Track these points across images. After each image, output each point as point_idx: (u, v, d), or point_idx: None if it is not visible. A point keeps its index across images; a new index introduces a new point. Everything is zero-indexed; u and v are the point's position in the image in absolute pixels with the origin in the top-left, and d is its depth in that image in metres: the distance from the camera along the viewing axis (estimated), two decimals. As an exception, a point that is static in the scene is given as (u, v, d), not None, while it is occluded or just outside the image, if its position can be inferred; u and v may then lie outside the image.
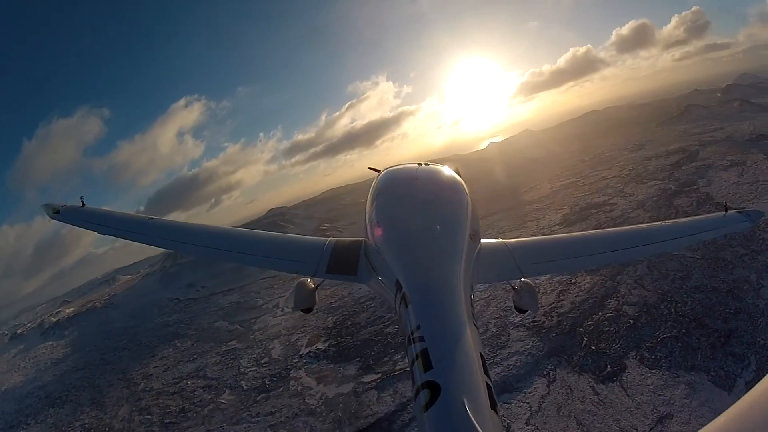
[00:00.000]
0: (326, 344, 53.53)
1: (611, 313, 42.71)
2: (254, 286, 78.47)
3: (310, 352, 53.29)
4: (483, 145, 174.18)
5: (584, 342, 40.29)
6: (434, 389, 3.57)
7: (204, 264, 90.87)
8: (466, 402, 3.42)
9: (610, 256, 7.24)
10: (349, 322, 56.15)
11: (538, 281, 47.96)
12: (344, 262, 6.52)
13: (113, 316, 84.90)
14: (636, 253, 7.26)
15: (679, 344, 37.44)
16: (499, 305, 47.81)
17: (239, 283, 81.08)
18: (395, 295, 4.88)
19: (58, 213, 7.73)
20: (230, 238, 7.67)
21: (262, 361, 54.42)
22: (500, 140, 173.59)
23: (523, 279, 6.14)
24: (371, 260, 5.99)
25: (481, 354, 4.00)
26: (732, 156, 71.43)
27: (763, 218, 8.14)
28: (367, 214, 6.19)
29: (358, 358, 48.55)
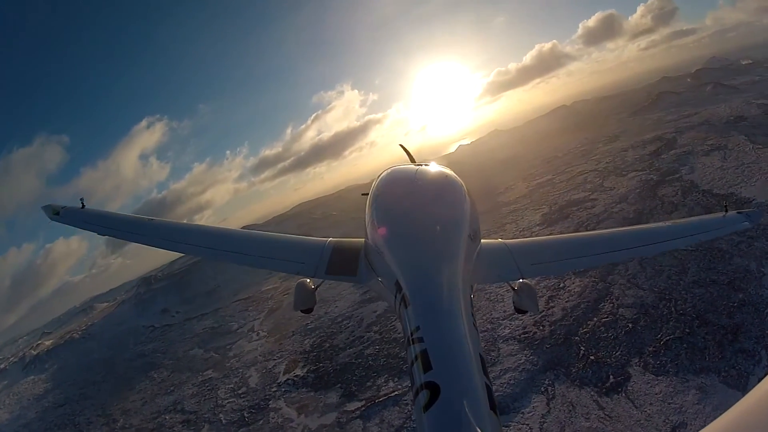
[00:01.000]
0: (304, 370, 50.80)
1: (607, 317, 39.59)
2: (228, 309, 76.86)
3: (288, 379, 50.59)
4: (452, 149, 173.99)
5: (581, 352, 37.00)
6: (434, 390, 3.57)
7: (177, 288, 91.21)
8: (465, 403, 3.45)
9: (611, 256, 7.16)
10: (327, 345, 53.15)
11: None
12: (344, 262, 6.49)
13: (91, 347, 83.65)
14: (636, 253, 7.26)
15: (684, 346, 34.50)
16: (485, 317, 44.50)
17: (213, 306, 79.73)
18: (395, 296, 4.82)
19: (58, 214, 7.65)
20: (230, 239, 7.63)
21: (240, 391, 51.88)
22: (469, 142, 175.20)
23: (522, 279, 5.97)
24: (371, 261, 5.95)
25: (480, 355, 3.99)
26: (712, 140, 69.29)
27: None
28: (366, 215, 6.18)
29: (339, 384, 45.58)
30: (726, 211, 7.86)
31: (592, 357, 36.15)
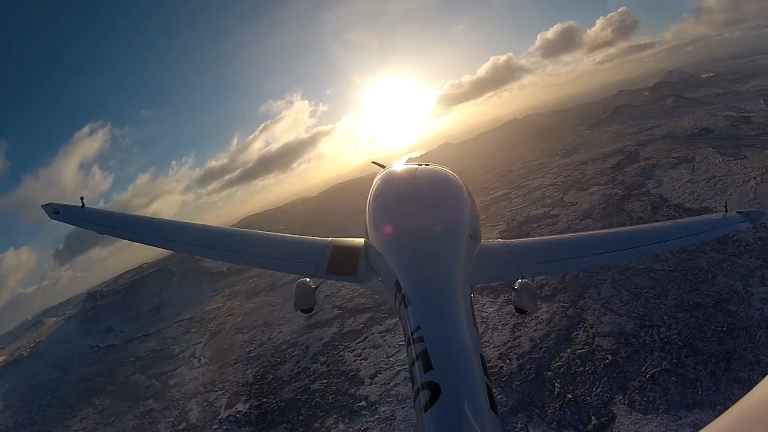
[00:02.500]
0: (247, 405, 44.99)
1: (582, 348, 35.10)
2: (171, 330, 71.16)
3: (230, 416, 44.72)
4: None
5: (557, 389, 32.18)
6: (434, 390, 3.61)
7: (121, 305, 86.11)
8: (465, 402, 3.48)
9: (611, 256, 7.19)
10: (271, 376, 47.51)
11: (484, 313, 41.86)
12: (344, 262, 6.47)
13: (38, 367, 77.68)
14: (636, 253, 7.28)
15: (673, 378, 30.23)
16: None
17: (157, 326, 74.20)
18: (395, 296, 4.88)
19: (58, 213, 7.57)
20: (230, 238, 7.74)
21: (180, 427, 46.60)
22: (419, 155, 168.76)
23: (522, 279, 5.90)
24: (371, 260, 6.00)
25: (480, 355, 4.05)
26: (678, 153, 67.22)
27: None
28: (366, 215, 6.24)
29: (284, 424, 39.90)
30: (726, 210, 7.93)
31: (569, 395, 31.35)
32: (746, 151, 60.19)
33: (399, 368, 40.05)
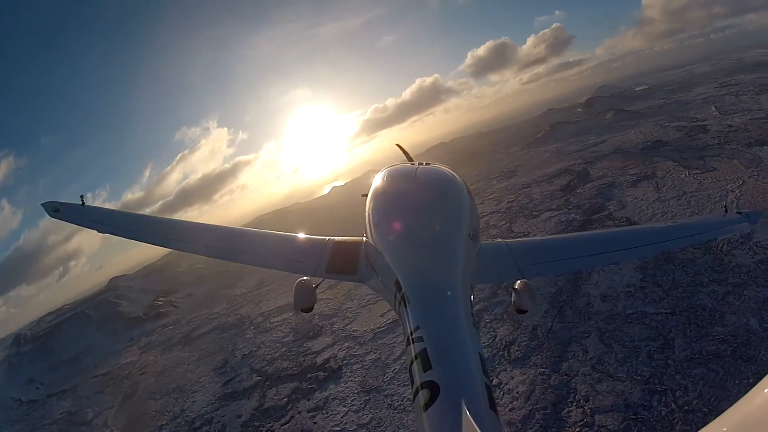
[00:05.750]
0: None
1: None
2: (87, 387, 61.17)
3: None
4: (326, 190, 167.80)
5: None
6: (433, 389, 3.59)
7: (42, 352, 78.62)
8: (465, 402, 3.41)
9: (611, 256, 7.28)
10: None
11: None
12: (344, 261, 6.41)
13: None
14: (637, 253, 7.29)
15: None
16: None
17: (74, 380, 64.27)
18: (395, 295, 4.88)
19: (57, 212, 7.54)
20: (231, 237, 7.66)
21: None
22: (343, 183, 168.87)
23: (522, 279, 5.80)
24: (371, 260, 5.96)
25: (480, 354, 4.03)
26: (634, 169, 61.08)
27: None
28: (366, 214, 6.23)
29: None
30: (726, 211, 7.93)
31: None
32: (713, 163, 54.57)
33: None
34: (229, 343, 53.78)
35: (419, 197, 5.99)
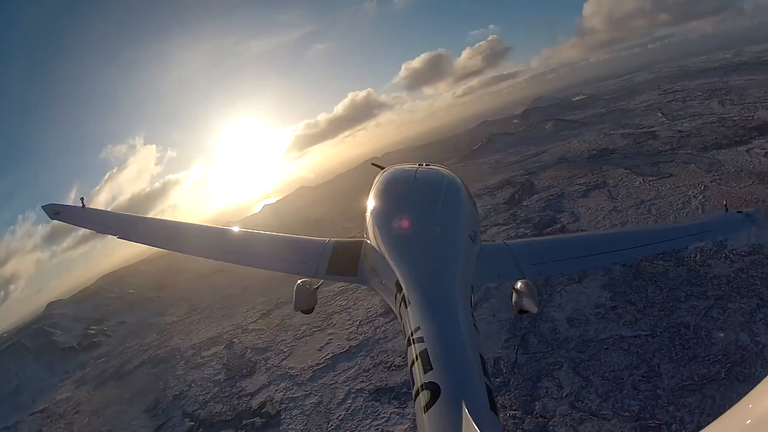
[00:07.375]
0: None
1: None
2: (26, 425, 55.91)
3: None
4: (257, 209, 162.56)
5: None
6: (434, 390, 3.50)
7: None
8: (465, 403, 3.32)
9: (612, 256, 6.92)
10: None
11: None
12: (344, 262, 6.31)
13: None
14: (636, 253, 7.14)
15: None
16: None
17: (14, 417, 59.07)
18: (395, 296, 4.79)
19: (58, 214, 7.53)
20: (231, 239, 7.61)
21: None
22: (275, 201, 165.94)
23: (523, 279, 5.62)
24: (371, 261, 5.81)
25: (480, 355, 3.90)
26: (582, 178, 58.84)
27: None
28: (367, 215, 6.19)
29: None
30: (726, 210, 7.90)
31: None
32: (669, 168, 53.24)
33: None
34: (160, 379, 49.52)
35: (419, 198, 5.91)
